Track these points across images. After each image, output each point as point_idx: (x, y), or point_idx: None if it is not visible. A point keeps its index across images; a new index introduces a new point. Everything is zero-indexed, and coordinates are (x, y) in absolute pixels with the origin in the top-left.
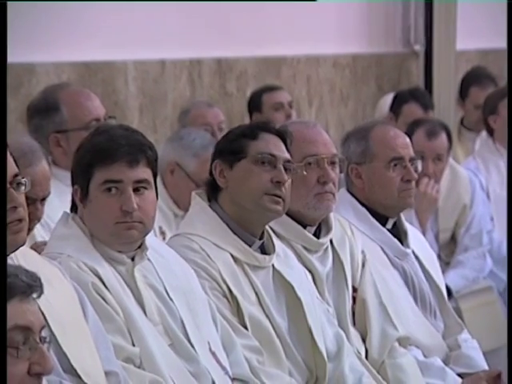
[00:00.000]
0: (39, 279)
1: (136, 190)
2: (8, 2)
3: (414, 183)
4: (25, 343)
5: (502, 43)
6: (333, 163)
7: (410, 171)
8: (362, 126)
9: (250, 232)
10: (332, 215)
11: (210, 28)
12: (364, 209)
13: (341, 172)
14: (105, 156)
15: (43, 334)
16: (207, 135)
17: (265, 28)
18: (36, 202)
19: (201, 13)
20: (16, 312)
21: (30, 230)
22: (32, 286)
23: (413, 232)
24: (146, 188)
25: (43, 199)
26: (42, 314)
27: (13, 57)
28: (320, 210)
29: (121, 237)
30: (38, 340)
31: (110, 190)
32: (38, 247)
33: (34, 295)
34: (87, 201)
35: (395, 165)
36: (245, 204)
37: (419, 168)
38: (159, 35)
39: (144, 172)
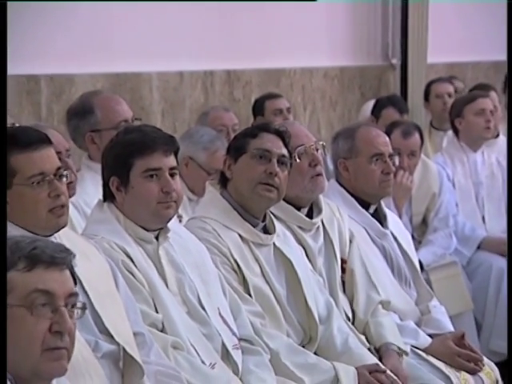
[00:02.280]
0: (67, 253)
1: (170, 175)
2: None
3: (392, 175)
4: (46, 305)
5: (466, 58)
6: (317, 149)
7: (389, 165)
8: (349, 127)
9: (254, 215)
10: (322, 199)
11: (221, 45)
12: (350, 196)
13: (325, 154)
14: (144, 148)
15: (72, 300)
16: (213, 131)
17: (267, 45)
18: None
19: (213, 32)
20: (38, 278)
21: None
22: (55, 257)
23: (391, 216)
24: (175, 174)
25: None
26: (81, 283)
27: (56, 69)
28: (316, 191)
29: (161, 215)
30: (61, 304)
31: (151, 176)
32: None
33: (61, 266)
34: (128, 187)
35: (376, 160)
36: (243, 192)
37: (396, 162)
38: (178, 51)
39: (174, 160)
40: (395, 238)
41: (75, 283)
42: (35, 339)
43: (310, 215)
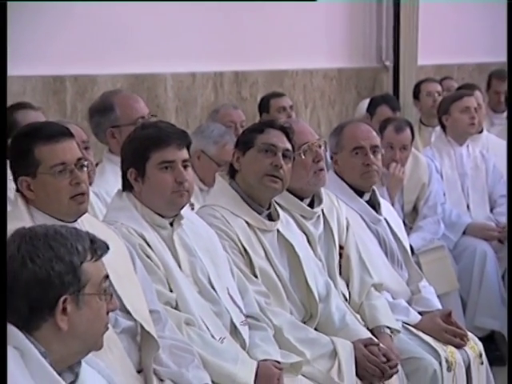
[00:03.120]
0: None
1: (183, 167)
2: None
3: (374, 167)
4: (107, 289)
5: (453, 60)
6: (319, 146)
7: (369, 157)
8: (340, 124)
9: (260, 204)
10: (323, 190)
11: (229, 48)
12: (347, 186)
13: (326, 150)
14: (159, 142)
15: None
16: (222, 127)
17: (271, 48)
18: None
19: (223, 37)
20: (103, 266)
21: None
22: (108, 247)
23: (384, 203)
24: (188, 165)
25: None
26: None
27: (80, 70)
28: (318, 184)
29: (175, 203)
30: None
31: (166, 168)
32: None
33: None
34: (145, 178)
35: (357, 153)
36: (251, 182)
37: (383, 152)
38: (191, 54)
39: (186, 153)
40: (388, 224)
41: None
42: (102, 321)
43: (311, 205)
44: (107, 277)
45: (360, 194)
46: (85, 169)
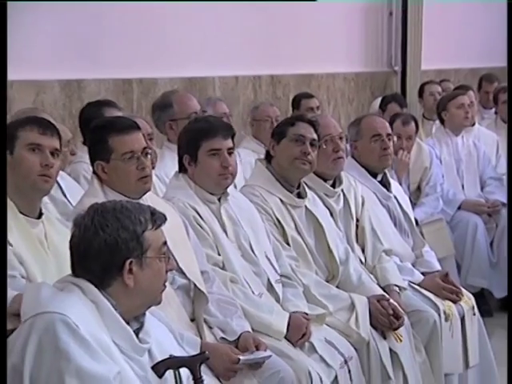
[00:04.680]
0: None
1: (228, 154)
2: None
3: (390, 150)
4: (165, 253)
5: (450, 65)
6: (341, 138)
7: (386, 142)
8: (358, 117)
9: (291, 184)
10: (343, 173)
11: (266, 56)
12: (362, 168)
13: (346, 142)
14: (209, 133)
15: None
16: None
17: (301, 56)
18: None
19: (260, 46)
20: (162, 234)
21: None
22: (166, 217)
23: (394, 183)
24: (232, 152)
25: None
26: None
27: (144, 74)
28: (336, 169)
29: (221, 184)
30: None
31: (214, 154)
32: None
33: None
34: (197, 163)
35: (375, 140)
36: (284, 165)
37: (395, 140)
38: (234, 60)
39: (231, 142)
40: (397, 200)
41: None
42: (162, 279)
43: (333, 185)
44: (165, 243)
45: (374, 175)
46: (149, 156)
